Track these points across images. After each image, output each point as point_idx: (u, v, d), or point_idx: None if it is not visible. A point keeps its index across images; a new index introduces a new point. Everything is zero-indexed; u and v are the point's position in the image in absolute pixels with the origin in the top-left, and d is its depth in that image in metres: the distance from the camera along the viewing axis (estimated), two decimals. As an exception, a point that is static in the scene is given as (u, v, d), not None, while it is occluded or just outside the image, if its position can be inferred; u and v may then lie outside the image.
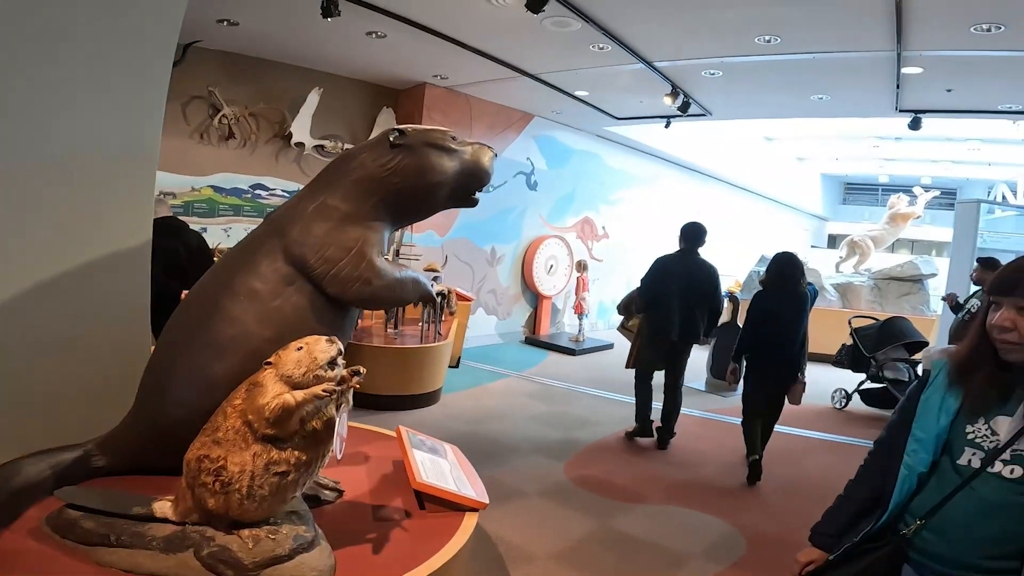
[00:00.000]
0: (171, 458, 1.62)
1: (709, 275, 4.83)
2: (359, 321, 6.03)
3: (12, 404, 2.14)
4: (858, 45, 4.99)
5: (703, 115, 7.87)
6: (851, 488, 1.76)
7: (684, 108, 6.98)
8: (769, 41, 5.08)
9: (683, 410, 5.11)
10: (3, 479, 1.72)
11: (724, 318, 6.96)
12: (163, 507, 1.56)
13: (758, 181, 14.19)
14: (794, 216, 17.89)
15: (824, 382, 6.82)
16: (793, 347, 4.23)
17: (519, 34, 5.39)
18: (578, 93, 7.40)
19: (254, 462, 1.44)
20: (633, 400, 5.06)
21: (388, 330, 5.99)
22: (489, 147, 2.24)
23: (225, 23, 5.28)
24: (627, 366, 5.05)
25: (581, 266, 9.10)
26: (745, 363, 4.39)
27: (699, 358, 8.19)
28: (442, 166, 2.10)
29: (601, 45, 5.47)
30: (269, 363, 1.51)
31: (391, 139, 2.04)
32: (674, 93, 6.67)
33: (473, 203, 2.26)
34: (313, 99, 6.45)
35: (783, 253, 4.48)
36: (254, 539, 1.46)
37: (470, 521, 1.90)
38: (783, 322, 4.21)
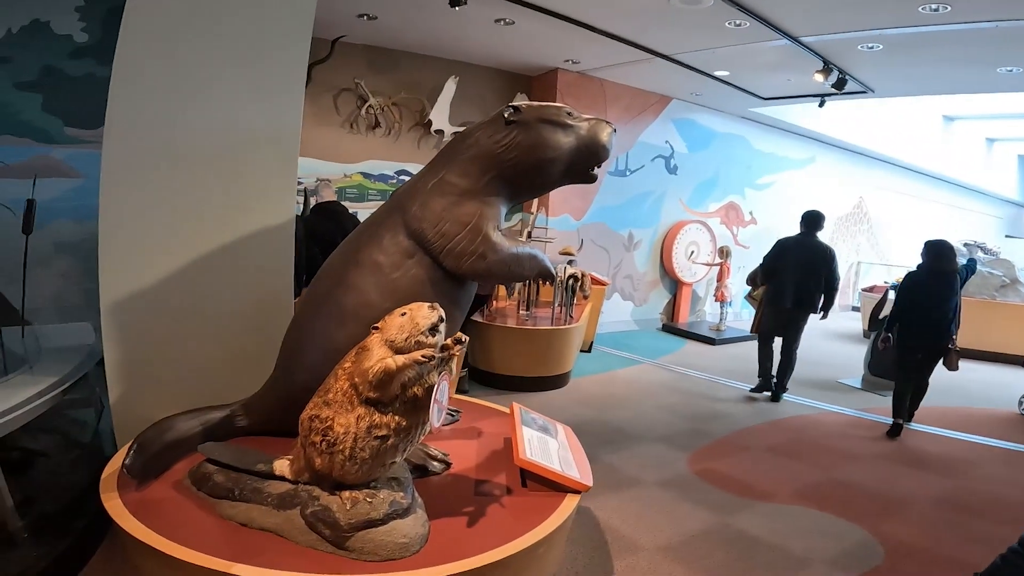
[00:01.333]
0: None
1: (824, 254, 5.44)
2: (494, 302, 6.17)
3: (173, 366, 2.43)
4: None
5: (863, 92, 7.12)
6: None
7: (840, 85, 6.34)
8: (937, 9, 4.47)
9: (832, 407, 5.44)
10: (158, 432, 1.95)
11: (888, 310, 6.36)
12: (282, 465, 1.69)
13: (937, 164, 12.61)
14: (983, 203, 15.77)
15: (1013, 385, 5.95)
16: (943, 319, 4.70)
17: (648, 15, 5.17)
18: (718, 73, 6.98)
19: (357, 424, 1.50)
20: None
21: (520, 312, 6.07)
22: (607, 122, 2.17)
23: (365, 17, 5.56)
24: (751, 330, 5.93)
25: (724, 253, 8.65)
26: (896, 334, 4.94)
27: (856, 354, 7.56)
28: (556, 142, 2.07)
29: (738, 22, 5.11)
30: (376, 328, 1.56)
31: (505, 116, 2.05)
32: (826, 70, 6.08)
33: (591, 179, 2.21)
34: (450, 87, 6.66)
35: (934, 240, 5.00)
36: (352, 501, 1.53)
37: (569, 503, 1.86)
38: (932, 296, 4.74)
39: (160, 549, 1.46)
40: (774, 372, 5.72)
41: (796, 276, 5.43)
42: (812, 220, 5.60)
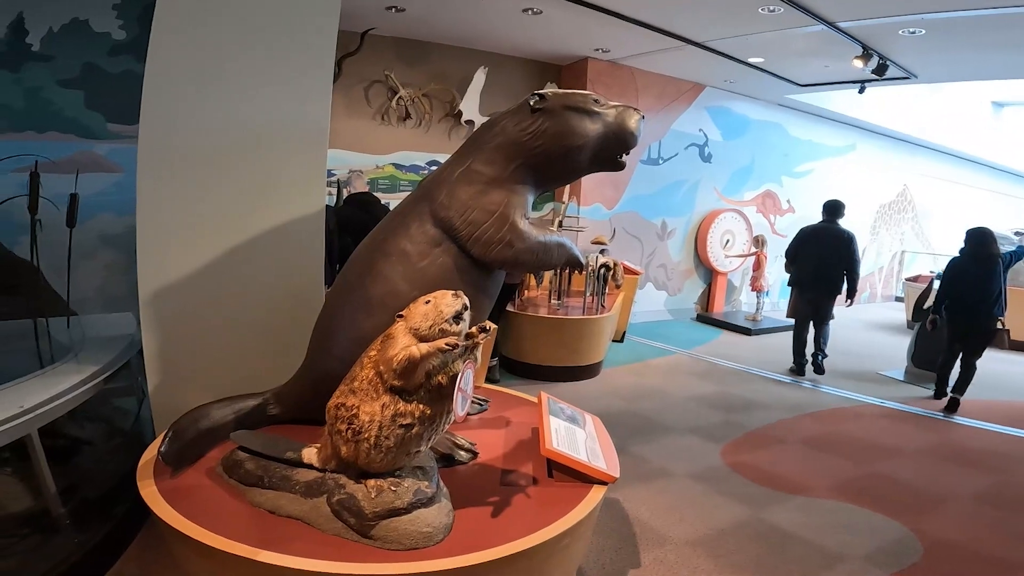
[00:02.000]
0: None
1: (845, 240, 5.80)
2: (524, 291, 6.17)
3: (208, 355, 2.49)
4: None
5: (906, 78, 6.87)
6: None
7: (881, 71, 6.13)
8: (980, -8, 4.30)
9: (873, 400, 5.39)
10: (192, 420, 2.00)
11: (931, 302, 6.19)
12: (310, 453, 1.70)
13: (986, 150, 12.10)
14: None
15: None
16: (985, 302, 5.07)
17: (678, 1, 5.07)
18: (752, 60, 6.81)
19: (382, 412, 1.51)
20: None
21: (552, 301, 6.06)
22: (635, 109, 2.14)
23: (393, 10, 5.57)
24: (787, 315, 6.56)
25: (759, 241, 8.49)
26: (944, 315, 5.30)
27: (898, 345, 7.35)
28: (583, 129, 2.05)
29: (771, 8, 4.97)
30: (401, 316, 1.56)
31: (531, 103, 2.04)
32: (866, 56, 5.88)
33: (620, 167, 2.18)
34: (479, 78, 6.65)
35: (974, 227, 5.36)
36: (377, 489, 1.54)
37: (596, 494, 1.85)
38: (974, 279, 5.12)
39: (191, 535, 1.49)
40: (808, 357, 6.11)
41: (816, 261, 5.85)
42: (833, 208, 5.99)
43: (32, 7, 4.16)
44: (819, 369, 6.01)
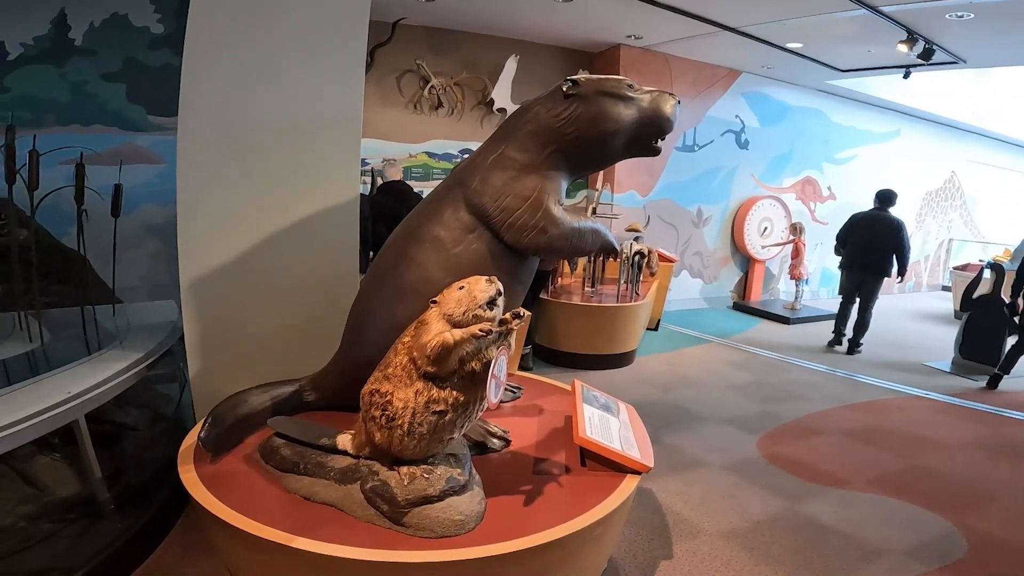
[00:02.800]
0: None
1: (895, 227, 6.20)
2: (558, 279, 6.14)
3: (246, 342, 2.53)
4: None
5: (954, 63, 6.59)
6: None
7: (927, 56, 5.90)
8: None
9: (917, 391, 5.26)
10: (231, 407, 2.04)
11: (983, 290, 6.00)
12: (344, 440, 1.72)
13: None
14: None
15: None
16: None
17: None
18: (790, 45, 6.61)
19: (416, 399, 1.51)
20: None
21: (585, 288, 6.02)
22: (671, 94, 2.10)
23: (423, -1, 5.58)
24: (838, 292, 7.25)
25: (796, 229, 8.29)
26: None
27: (945, 336, 7.13)
28: (617, 114, 2.02)
29: (809, -9, 4.83)
30: (435, 302, 1.56)
31: (564, 89, 2.02)
32: (911, 40, 5.66)
33: (655, 152, 2.15)
34: (511, 66, 6.61)
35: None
36: (410, 477, 1.54)
37: (629, 484, 1.83)
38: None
39: (228, 521, 1.52)
40: (846, 331, 6.60)
41: (865, 246, 6.27)
42: (886, 198, 6.40)
43: (73, 2, 4.26)
44: (852, 350, 6.44)
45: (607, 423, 2.15)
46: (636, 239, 6.10)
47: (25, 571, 1.97)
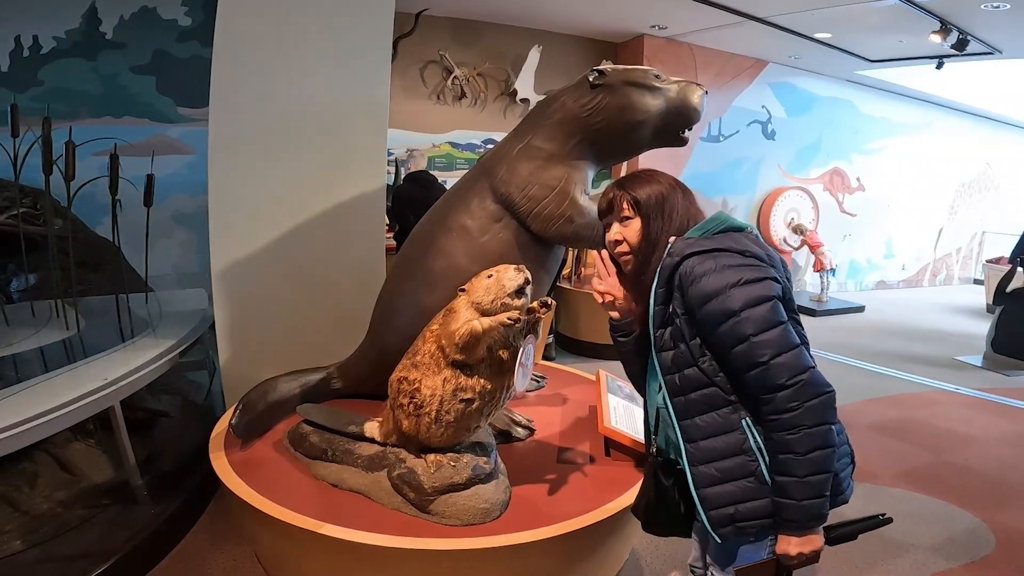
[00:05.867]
0: None
1: None
2: (583, 269, 6.12)
3: (275, 329, 2.57)
4: None
5: (989, 54, 6.40)
6: None
7: (961, 47, 5.72)
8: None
9: (948, 386, 5.06)
10: (261, 394, 2.07)
11: (1017, 283, 5.83)
12: (372, 427, 1.75)
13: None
14: None
15: None
16: None
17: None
18: (818, 35, 6.45)
19: (444, 387, 1.52)
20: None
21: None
22: (698, 84, 2.08)
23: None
24: None
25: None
26: None
27: (976, 330, 6.97)
28: (644, 105, 2.01)
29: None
30: (463, 290, 1.57)
31: (590, 79, 2.01)
32: (944, 30, 5.49)
33: (682, 142, 2.14)
34: (534, 56, 6.57)
35: None
36: (436, 464, 1.56)
37: (653, 474, 1.83)
38: None
39: (258, 507, 1.55)
40: None
41: None
42: None
43: (103, -4, 4.34)
44: None
45: (632, 413, 2.15)
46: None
47: (61, 556, 2.02)
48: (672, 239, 1.30)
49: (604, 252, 1.43)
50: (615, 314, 1.40)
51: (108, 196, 3.08)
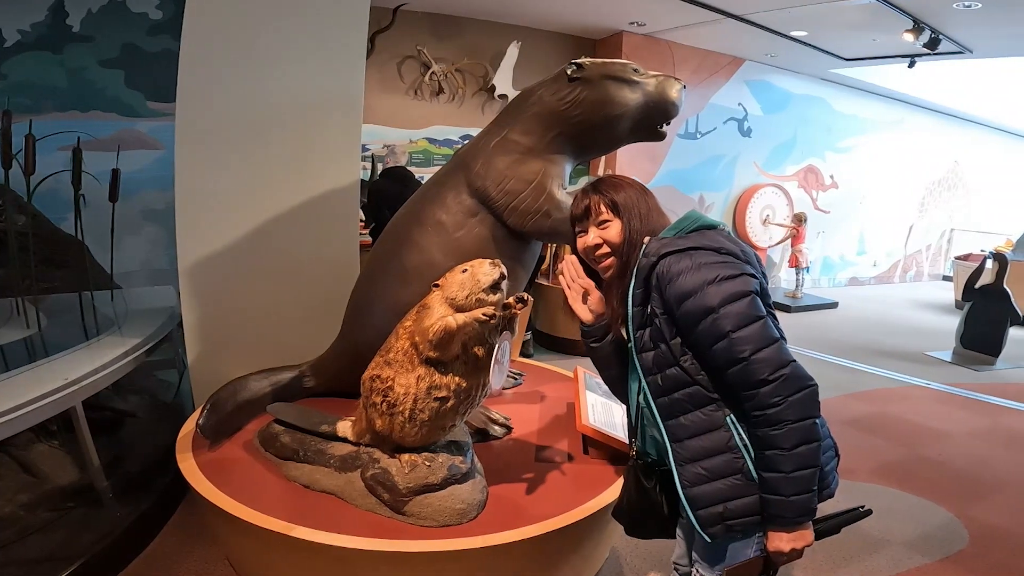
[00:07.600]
0: None
1: None
2: (560, 264, 6.10)
3: (246, 327, 2.51)
4: None
5: (960, 53, 6.52)
6: None
7: (933, 46, 5.81)
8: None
9: (919, 381, 5.05)
10: (230, 393, 2.02)
11: (986, 279, 5.95)
12: (345, 427, 1.70)
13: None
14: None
15: None
16: None
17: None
18: (794, 34, 6.54)
19: (418, 385, 1.48)
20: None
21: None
22: (676, 79, 2.07)
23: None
24: None
25: (800, 219, 8.27)
26: None
27: (946, 325, 7.09)
28: (623, 98, 1.99)
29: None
30: (437, 285, 1.53)
31: (569, 72, 1.99)
32: (916, 29, 5.58)
33: (660, 136, 2.12)
34: (513, 52, 6.55)
35: None
36: (411, 464, 1.52)
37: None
38: None
39: (228, 510, 1.50)
40: None
41: None
42: None
43: (71, -11, 4.21)
44: None
45: (610, 410, 2.13)
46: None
47: (24, 560, 1.95)
48: (647, 239, 1.29)
49: (574, 258, 1.41)
50: (588, 317, 1.38)
51: (72, 191, 2.99)
